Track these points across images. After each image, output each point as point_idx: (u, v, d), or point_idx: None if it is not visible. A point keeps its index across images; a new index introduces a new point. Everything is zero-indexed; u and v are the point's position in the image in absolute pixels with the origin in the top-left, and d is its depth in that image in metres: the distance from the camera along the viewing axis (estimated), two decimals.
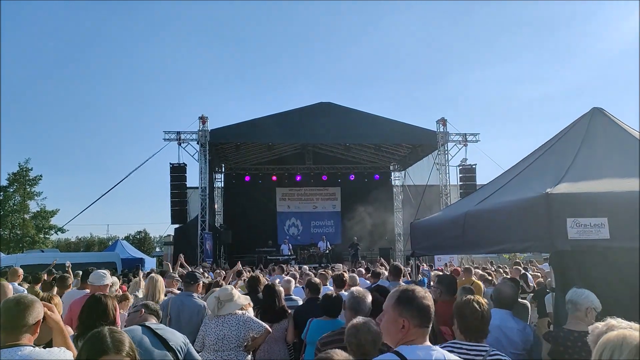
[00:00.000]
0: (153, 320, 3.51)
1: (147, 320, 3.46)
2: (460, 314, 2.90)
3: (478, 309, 2.87)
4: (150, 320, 3.49)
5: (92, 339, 1.97)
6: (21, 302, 2.46)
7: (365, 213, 24.08)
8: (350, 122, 20.45)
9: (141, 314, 3.55)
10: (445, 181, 21.55)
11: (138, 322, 3.45)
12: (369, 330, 2.86)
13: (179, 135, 20.33)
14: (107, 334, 1.97)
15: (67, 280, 7.06)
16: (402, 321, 2.21)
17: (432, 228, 6.31)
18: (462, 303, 2.94)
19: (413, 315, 2.21)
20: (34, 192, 33.25)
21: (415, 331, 2.20)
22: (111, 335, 1.97)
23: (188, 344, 3.40)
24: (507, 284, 4.41)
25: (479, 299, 2.96)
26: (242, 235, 23.45)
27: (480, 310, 2.86)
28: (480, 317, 2.85)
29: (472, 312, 2.85)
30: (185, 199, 20.75)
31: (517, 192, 4.59)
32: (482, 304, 2.92)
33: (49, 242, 36.16)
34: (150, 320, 3.49)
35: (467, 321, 2.86)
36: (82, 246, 58.37)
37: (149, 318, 3.51)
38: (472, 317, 2.84)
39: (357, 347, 2.81)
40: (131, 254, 25.31)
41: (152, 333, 3.24)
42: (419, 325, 2.20)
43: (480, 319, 2.85)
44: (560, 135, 5.33)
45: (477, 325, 2.85)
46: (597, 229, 3.74)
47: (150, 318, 3.52)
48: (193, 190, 21.89)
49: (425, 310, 2.22)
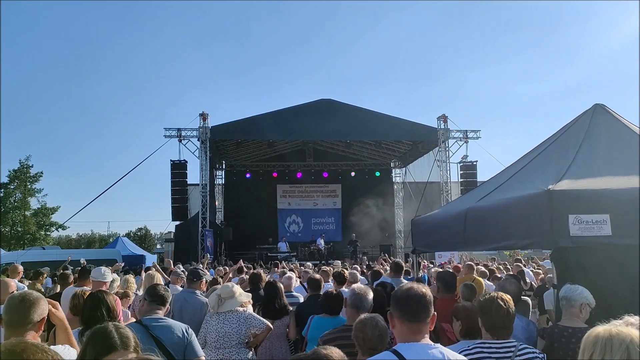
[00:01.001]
0: (158, 310, 3.46)
1: (151, 312, 3.42)
2: (486, 312, 2.88)
3: (503, 306, 2.85)
4: (154, 311, 3.45)
5: (97, 336, 1.93)
6: (26, 299, 2.45)
7: (366, 210, 24.07)
8: (351, 119, 20.44)
9: (142, 305, 3.52)
10: (446, 178, 21.53)
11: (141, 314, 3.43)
12: (377, 325, 2.87)
13: (180, 132, 20.32)
14: (113, 329, 1.94)
15: (69, 277, 7.07)
16: (388, 315, 2.23)
17: (434, 225, 6.30)
18: (487, 300, 2.91)
19: (394, 309, 2.20)
20: (34, 189, 33.27)
21: (402, 326, 2.16)
22: (117, 331, 1.94)
23: (190, 335, 3.36)
24: (511, 281, 4.41)
25: (503, 296, 2.94)
26: (242, 232, 23.45)
27: (506, 308, 2.85)
28: (506, 314, 2.84)
29: (497, 309, 2.83)
30: (186, 196, 20.74)
31: (519, 189, 4.59)
32: (506, 301, 2.89)
33: (50, 239, 36.13)
34: (153, 311, 3.44)
35: (493, 319, 2.84)
36: (83, 243, 58.43)
37: (152, 309, 3.46)
38: (498, 314, 2.83)
39: (364, 342, 2.82)
40: (132, 250, 25.31)
41: (147, 332, 3.19)
42: (401, 319, 2.16)
43: (506, 316, 2.84)
44: (562, 131, 5.32)
45: (503, 322, 2.83)
46: (599, 226, 3.74)
47: (154, 308, 3.47)
48: (194, 187, 21.90)
49: (402, 302, 2.17)
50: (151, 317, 3.40)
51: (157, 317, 3.45)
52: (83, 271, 6.12)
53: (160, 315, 3.50)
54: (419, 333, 2.15)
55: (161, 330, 3.27)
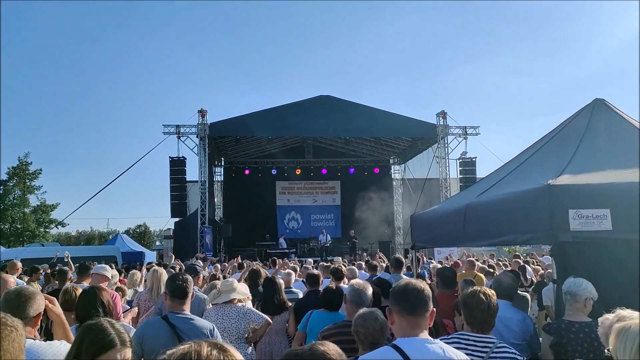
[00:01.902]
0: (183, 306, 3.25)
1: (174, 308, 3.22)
2: (467, 305, 2.88)
3: (484, 300, 2.85)
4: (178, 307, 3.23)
5: (94, 333, 1.86)
6: (22, 294, 2.44)
7: (365, 206, 24.07)
8: (350, 116, 20.38)
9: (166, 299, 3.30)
10: (445, 174, 21.50)
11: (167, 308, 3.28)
12: (376, 319, 2.86)
13: (179, 128, 20.25)
14: (108, 326, 1.89)
15: (67, 273, 7.05)
16: (388, 313, 2.22)
17: (433, 220, 6.29)
18: (469, 294, 2.92)
19: (392, 303, 2.20)
20: (33, 186, 33.27)
21: (400, 320, 2.16)
22: (113, 327, 1.89)
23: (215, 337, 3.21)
24: (507, 275, 4.40)
25: (485, 290, 2.94)
26: (242, 229, 23.44)
27: (487, 302, 2.84)
28: (487, 308, 2.83)
29: (478, 303, 2.84)
30: (184, 193, 20.72)
31: (519, 184, 4.57)
32: (488, 295, 2.90)
33: (49, 235, 36.17)
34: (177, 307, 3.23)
35: (473, 312, 2.84)
36: (83, 240, 58.49)
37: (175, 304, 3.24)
38: (479, 308, 2.82)
39: (365, 336, 2.81)
40: (131, 247, 25.30)
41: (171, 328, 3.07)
42: (400, 313, 2.16)
43: (486, 310, 2.83)
44: (562, 126, 5.30)
45: (483, 316, 2.83)
46: (599, 221, 3.72)
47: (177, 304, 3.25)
48: (193, 184, 21.86)
49: (400, 296, 2.18)
50: (176, 314, 3.22)
51: (183, 314, 3.25)
52: (83, 267, 6.10)
53: (186, 312, 3.29)
54: (418, 327, 2.15)
55: (187, 328, 3.14)
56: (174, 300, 3.28)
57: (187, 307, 3.31)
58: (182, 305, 3.27)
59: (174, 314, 3.22)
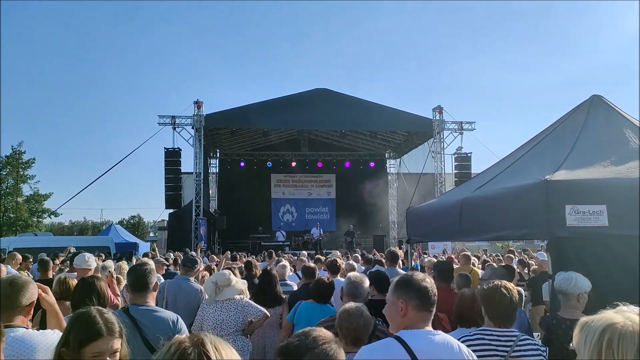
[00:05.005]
0: (145, 298, 3.16)
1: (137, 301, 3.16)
2: (489, 300, 2.88)
3: (507, 294, 2.85)
4: (140, 299, 3.15)
5: (81, 321, 1.87)
6: (15, 283, 2.41)
7: (360, 200, 24.08)
8: (346, 109, 20.33)
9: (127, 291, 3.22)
10: (440, 169, 21.55)
11: (129, 300, 3.21)
12: (362, 314, 2.82)
13: (174, 119, 20.13)
14: (97, 314, 1.89)
15: (48, 263, 6.91)
16: (400, 303, 2.21)
17: (429, 215, 6.28)
18: (491, 289, 2.92)
19: (411, 297, 2.20)
20: (27, 176, 32.97)
21: (415, 314, 2.19)
22: (102, 317, 1.90)
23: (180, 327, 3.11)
24: (502, 269, 4.41)
25: (506, 285, 2.94)
26: (236, 221, 23.43)
27: (510, 296, 2.85)
28: (510, 302, 2.85)
29: (501, 297, 2.84)
30: (179, 184, 20.59)
31: (516, 179, 4.56)
32: (510, 289, 2.90)
33: (42, 225, 35.91)
34: (139, 299, 3.15)
35: (496, 307, 2.85)
36: (76, 230, 58.22)
37: (136, 297, 3.17)
38: (502, 302, 2.84)
39: (348, 331, 2.76)
40: (125, 238, 25.18)
41: (132, 322, 2.96)
42: (418, 308, 2.19)
43: (509, 304, 2.85)
44: (559, 122, 5.29)
45: (506, 310, 2.84)
46: (595, 216, 3.73)
47: (137, 296, 3.17)
48: (187, 176, 21.73)
49: (423, 291, 2.21)
50: (138, 306, 3.15)
51: (145, 306, 3.17)
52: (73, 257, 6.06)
53: (149, 303, 3.20)
54: (429, 321, 2.22)
55: (148, 320, 3.06)
56: (134, 293, 3.23)
57: (150, 298, 3.23)
58: (144, 297, 3.19)
59: (136, 306, 3.14)
